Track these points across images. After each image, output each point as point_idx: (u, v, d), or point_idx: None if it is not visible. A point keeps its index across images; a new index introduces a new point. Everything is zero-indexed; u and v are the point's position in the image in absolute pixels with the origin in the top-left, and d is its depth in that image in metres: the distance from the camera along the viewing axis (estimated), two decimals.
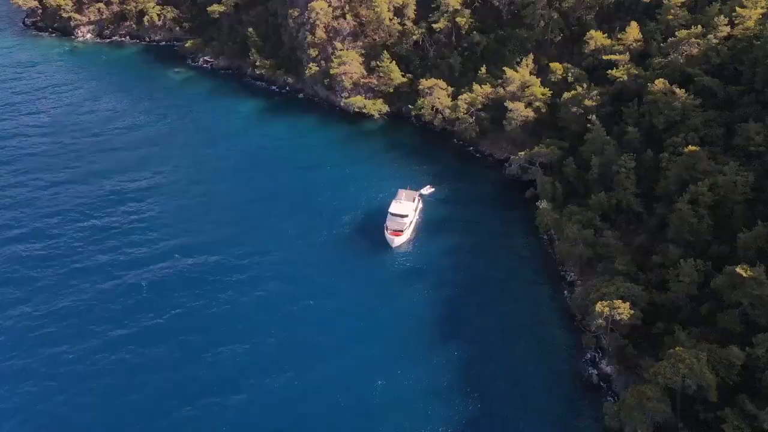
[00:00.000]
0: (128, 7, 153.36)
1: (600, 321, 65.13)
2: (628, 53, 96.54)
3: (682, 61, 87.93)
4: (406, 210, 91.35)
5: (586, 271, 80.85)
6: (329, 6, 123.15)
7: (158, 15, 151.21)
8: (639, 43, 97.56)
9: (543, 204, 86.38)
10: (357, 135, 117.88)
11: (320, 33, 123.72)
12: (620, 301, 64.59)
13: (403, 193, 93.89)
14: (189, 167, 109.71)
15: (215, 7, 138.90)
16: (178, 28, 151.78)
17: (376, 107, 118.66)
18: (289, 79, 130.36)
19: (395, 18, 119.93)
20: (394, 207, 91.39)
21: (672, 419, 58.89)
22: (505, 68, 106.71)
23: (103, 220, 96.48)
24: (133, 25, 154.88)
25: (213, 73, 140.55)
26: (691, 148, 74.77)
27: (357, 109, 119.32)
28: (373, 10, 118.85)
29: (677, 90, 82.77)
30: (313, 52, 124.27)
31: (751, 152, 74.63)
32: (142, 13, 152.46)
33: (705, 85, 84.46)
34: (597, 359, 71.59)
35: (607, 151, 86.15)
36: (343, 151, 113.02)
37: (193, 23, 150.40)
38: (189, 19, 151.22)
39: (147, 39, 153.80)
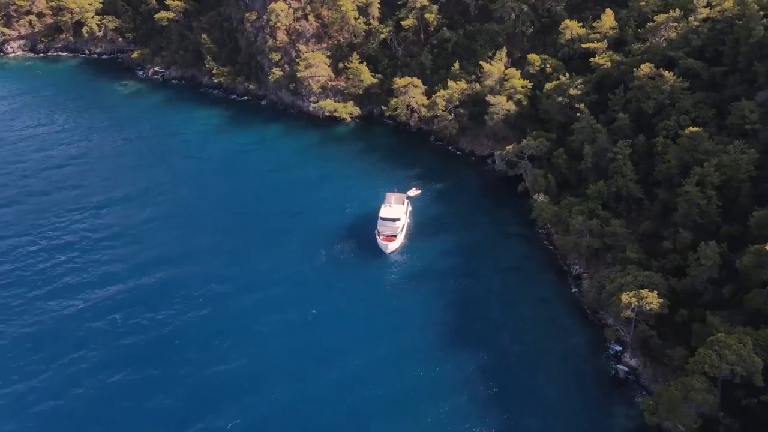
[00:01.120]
0: (63, 19, 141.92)
1: (628, 313, 62.10)
2: (605, 41, 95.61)
3: (664, 45, 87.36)
4: (397, 213, 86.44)
5: (592, 263, 78.24)
6: (289, 7, 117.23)
7: (98, 25, 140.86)
8: (614, 31, 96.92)
9: (540, 197, 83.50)
10: (329, 140, 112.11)
11: (281, 36, 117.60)
12: (647, 290, 61.80)
13: (392, 196, 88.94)
14: (151, 181, 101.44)
15: (163, 14, 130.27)
16: (121, 39, 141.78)
17: (348, 110, 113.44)
18: (251, 86, 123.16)
19: (360, 17, 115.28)
20: (385, 211, 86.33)
21: (713, 409, 56.26)
22: (481, 62, 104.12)
23: (65, 238, 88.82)
24: (71, 38, 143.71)
25: (165, 84, 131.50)
26: (692, 129, 73.67)
27: (328, 113, 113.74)
28: (337, 9, 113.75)
29: (665, 73, 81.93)
30: (275, 56, 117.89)
31: (746, 130, 74.24)
32: (79, 24, 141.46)
33: (689, 67, 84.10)
34: (620, 353, 68.68)
35: (599, 140, 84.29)
36: (318, 157, 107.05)
37: (138, 33, 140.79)
38: (132, 29, 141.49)
39: (87, 52, 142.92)
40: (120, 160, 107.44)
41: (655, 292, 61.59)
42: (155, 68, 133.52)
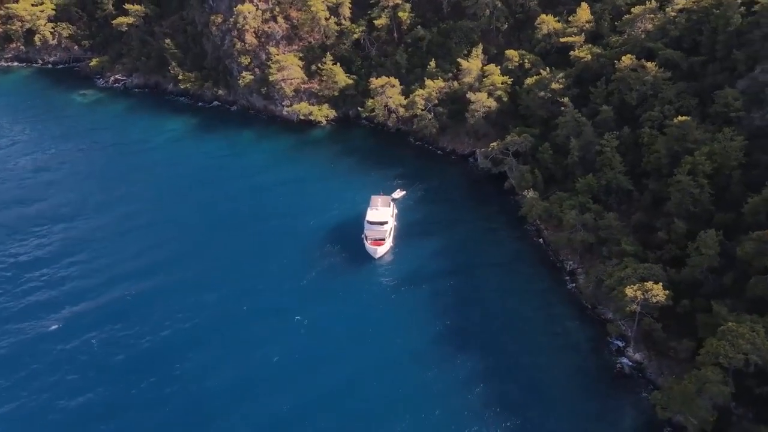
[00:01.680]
0: (12, 27, 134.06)
1: (634, 306, 60.89)
2: (582, 35, 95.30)
3: (643, 36, 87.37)
4: (384, 216, 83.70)
5: (586, 258, 77.17)
6: (257, 9, 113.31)
7: (51, 33, 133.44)
8: (591, 24, 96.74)
9: (530, 193, 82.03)
10: (306, 144, 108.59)
11: (250, 38, 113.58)
12: (651, 282, 60.73)
13: (378, 199, 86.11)
14: (119, 193, 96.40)
15: (122, 20, 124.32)
16: (77, 47, 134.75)
17: (323, 113, 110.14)
18: (220, 92, 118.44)
19: (332, 17, 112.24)
20: (372, 215, 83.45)
21: (726, 400, 55.35)
22: (459, 60, 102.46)
23: (32, 254, 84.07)
24: (22, 47, 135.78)
25: (127, 92, 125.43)
26: (680, 118, 73.40)
27: (303, 117, 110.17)
28: (307, 10, 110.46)
29: (647, 64, 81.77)
30: (244, 60, 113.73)
31: (731, 118, 74.42)
32: (31, 33, 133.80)
33: (668, 58, 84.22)
34: (622, 348, 67.54)
35: (584, 133, 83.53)
36: (295, 162, 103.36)
37: (95, 40, 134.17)
38: (89, 36, 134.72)
39: (40, 61, 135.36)
40: (85, 172, 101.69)
41: (660, 284, 60.53)
42: (116, 76, 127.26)
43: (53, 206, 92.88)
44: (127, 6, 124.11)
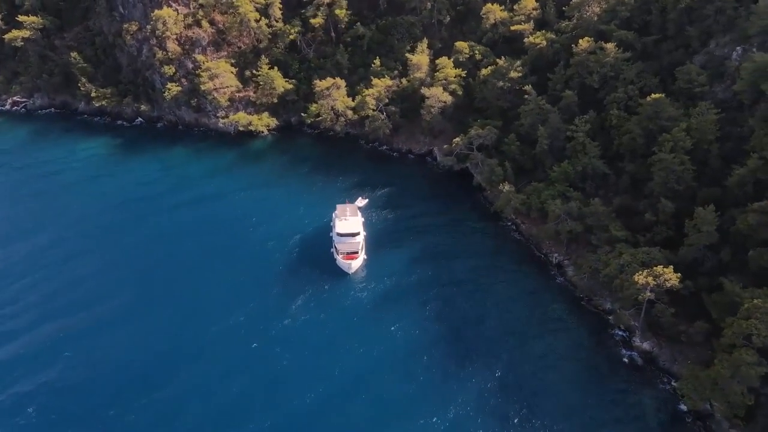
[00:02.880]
0: None
1: (648, 293, 57.68)
2: (531, 22, 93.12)
3: (595, 18, 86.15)
4: (356, 227, 76.60)
5: (572, 248, 73.98)
6: (178, 14, 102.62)
7: None
8: (537, 11, 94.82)
9: (506, 187, 77.88)
10: (247, 157, 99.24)
11: (173, 46, 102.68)
12: (661, 267, 57.85)
13: (345, 208, 78.83)
14: (32, 231, 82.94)
15: (15, 34, 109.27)
16: None
17: (264, 122, 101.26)
18: (142, 107, 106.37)
19: (262, 19, 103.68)
20: (342, 226, 76.03)
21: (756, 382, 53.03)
22: (407, 55, 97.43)
23: None
24: None
25: (30, 115, 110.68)
26: (654, 96, 71.83)
27: (242, 128, 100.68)
28: (234, 12, 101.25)
29: (606, 45, 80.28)
30: (168, 70, 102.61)
31: (695, 93, 74.00)
32: None
33: (622, 39, 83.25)
34: (627, 338, 64.45)
35: (550, 120, 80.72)
36: (238, 177, 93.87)
37: None
38: None
39: None
40: None
41: (671, 267, 57.77)
42: (14, 98, 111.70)
43: None
44: (21, 18, 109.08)
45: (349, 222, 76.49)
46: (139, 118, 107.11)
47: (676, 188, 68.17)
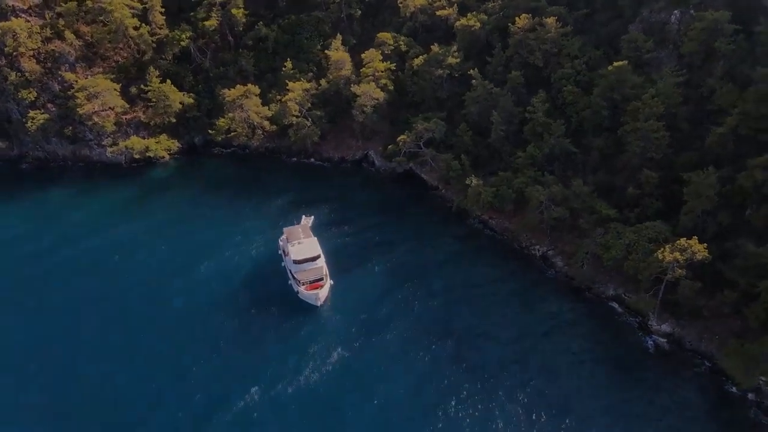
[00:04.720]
0: None
1: (679, 271, 52.10)
2: (455, 6, 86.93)
3: None
4: (313, 249, 64.29)
5: (555, 237, 67.69)
6: (32, 25, 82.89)
7: None
8: None
9: (473, 181, 69.88)
10: (150, 190, 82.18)
11: (30, 65, 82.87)
12: (684, 239, 52.72)
13: (296, 230, 66.19)
14: None
15: None
16: None
17: (164, 145, 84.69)
18: None
19: (143, 26, 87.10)
20: (296, 251, 63.26)
21: None
22: (327, 52, 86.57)
23: None
24: None
25: None
26: (616, 63, 67.94)
27: (137, 156, 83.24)
28: (110, 18, 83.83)
29: (548, 20, 75.89)
30: (27, 95, 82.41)
31: (645, 60, 71.76)
32: None
33: (554, 15, 79.56)
34: (643, 323, 58.91)
35: (502, 104, 74.46)
36: (144, 217, 76.91)
37: None
38: None
39: None
40: None
41: (695, 238, 52.84)
42: None
43: None
44: None
45: (304, 245, 63.88)
46: None
47: (654, 157, 64.58)
